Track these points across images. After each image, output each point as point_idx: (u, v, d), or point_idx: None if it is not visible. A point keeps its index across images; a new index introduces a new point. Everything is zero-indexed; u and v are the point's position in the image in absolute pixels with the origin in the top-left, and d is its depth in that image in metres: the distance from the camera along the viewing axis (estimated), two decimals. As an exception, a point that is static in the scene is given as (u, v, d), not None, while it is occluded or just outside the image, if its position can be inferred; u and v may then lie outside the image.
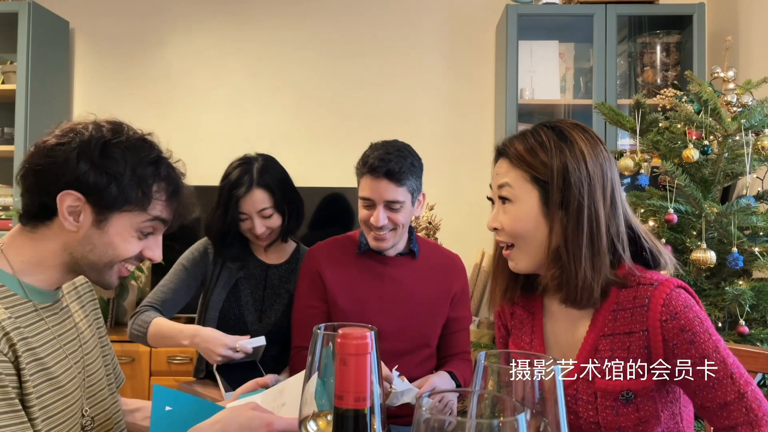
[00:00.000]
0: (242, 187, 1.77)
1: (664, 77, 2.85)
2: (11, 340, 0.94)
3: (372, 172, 1.61)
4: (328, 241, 1.83)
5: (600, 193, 1.06)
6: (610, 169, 1.09)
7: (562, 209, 1.06)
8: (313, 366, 0.74)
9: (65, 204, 0.99)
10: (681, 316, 1.03)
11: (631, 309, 1.07)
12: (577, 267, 1.05)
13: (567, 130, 1.10)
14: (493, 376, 0.68)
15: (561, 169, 1.06)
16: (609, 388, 1.06)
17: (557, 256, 1.07)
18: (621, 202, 1.10)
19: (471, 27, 3.17)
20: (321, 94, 3.19)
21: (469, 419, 0.52)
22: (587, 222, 1.05)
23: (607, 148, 1.12)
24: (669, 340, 1.03)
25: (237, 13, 3.22)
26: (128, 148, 1.02)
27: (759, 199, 1.90)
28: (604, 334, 1.09)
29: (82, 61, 3.26)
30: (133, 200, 1.02)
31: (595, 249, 1.05)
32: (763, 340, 1.73)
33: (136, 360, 2.68)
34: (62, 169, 0.99)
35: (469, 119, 3.16)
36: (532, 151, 1.09)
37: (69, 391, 1.05)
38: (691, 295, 1.07)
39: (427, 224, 2.75)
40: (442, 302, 1.75)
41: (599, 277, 1.06)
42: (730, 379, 1.01)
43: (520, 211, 1.10)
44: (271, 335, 1.85)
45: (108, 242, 1.03)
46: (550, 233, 1.08)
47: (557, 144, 1.08)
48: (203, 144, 3.10)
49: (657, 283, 1.06)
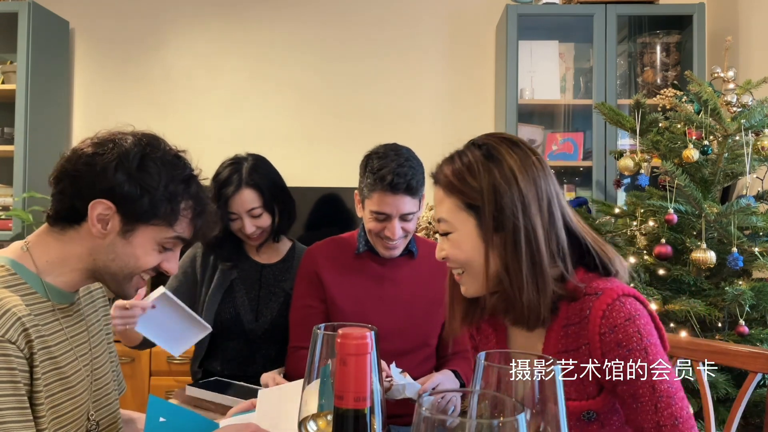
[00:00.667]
0: (231, 186, 1.77)
1: (664, 77, 2.85)
2: (29, 336, 0.96)
3: (392, 189, 1.57)
4: (326, 241, 1.83)
5: (536, 209, 1.02)
6: (545, 181, 1.04)
7: (498, 233, 1.02)
8: (313, 366, 0.74)
9: (96, 211, 1.02)
10: (620, 330, 0.97)
11: (578, 323, 1.02)
12: (520, 291, 1.01)
13: (494, 147, 1.06)
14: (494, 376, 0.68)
15: (491, 192, 1.01)
16: (569, 409, 1.01)
17: (499, 281, 1.03)
18: (560, 213, 1.05)
19: (471, 27, 3.17)
20: (321, 94, 3.19)
21: (469, 419, 0.52)
22: (525, 243, 1.00)
23: (540, 157, 1.07)
24: (605, 354, 0.98)
25: (237, 13, 3.22)
26: (164, 163, 1.05)
27: (759, 199, 1.90)
28: (559, 351, 1.04)
29: (82, 61, 3.26)
30: (162, 215, 1.04)
31: (537, 270, 1.00)
32: (763, 340, 1.73)
33: (136, 360, 2.67)
34: (99, 177, 1.01)
35: (469, 119, 3.16)
36: (460, 175, 1.05)
37: (77, 393, 1.06)
38: (642, 303, 1.02)
39: (427, 224, 2.75)
40: (441, 301, 1.74)
41: (544, 298, 1.01)
42: (653, 406, 0.96)
43: (459, 240, 1.06)
44: (268, 334, 1.86)
45: (131, 253, 1.05)
46: (487, 258, 1.03)
47: (485, 165, 1.04)
48: (203, 144, 3.07)
49: (600, 293, 1.00)
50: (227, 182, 1.78)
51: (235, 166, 1.81)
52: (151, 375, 2.69)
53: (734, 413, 1.39)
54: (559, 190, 1.08)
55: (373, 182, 1.59)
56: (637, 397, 0.97)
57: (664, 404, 0.96)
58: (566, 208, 1.07)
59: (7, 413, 0.91)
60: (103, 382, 1.17)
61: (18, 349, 0.94)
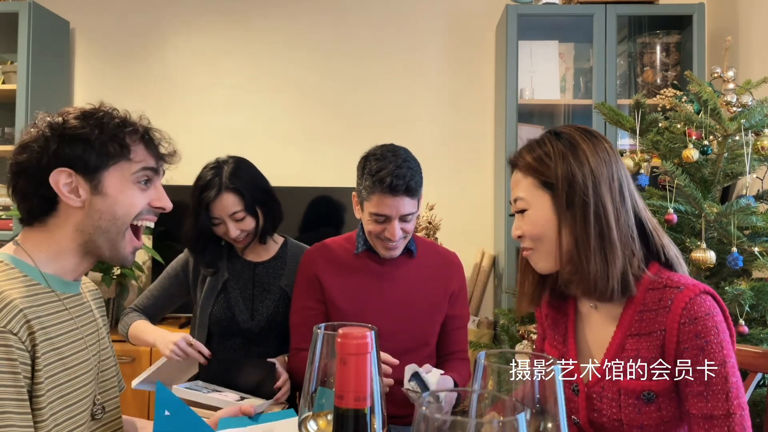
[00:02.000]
0: (212, 191, 1.77)
1: (664, 77, 2.85)
2: (31, 327, 0.98)
3: (392, 191, 1.57)
4: (325, 242, 1.83)
5: (606, 189, 1.11)
6: (616, 166, 1.14)
7: (569, 208, 1.12)
8: (313, 366, 0.74)
9: (60, 184, 1.04)
10: (699, 322, 1.05)
11: (656, 310, 1.10)
12: (587, 260, 1.10)
13: (570, 135, 1.16)
14: (493, 376, 0.68)
15: (565, 173, 1.12)
16: (631, 387, 1.09)
17: (570, 256, 1.13)
18: (630, 197, 1.14)
19: (471, 27, 3.17)
20: (321, 94, 3.19)
21: (469, 419, 0.52)
22: (594, 218, 1.10)
23: (613, 147, 1.17)
24: (681, 343, 1.06)
25: (237, 13, 3.22)
26: (86, 116, 1.08)
27: (759, 199, 1.90)
28: (631, 334, 1.12)
29: (82, 61, 3.26)
30: (114, 154, 1.06)
31: (606, 243, 1.09)
32: (763, 340, 1.73)
33: (137, 360, 2.68)
34: (41, 155, 1.04)
35: (469, 119, 3.16)
36: (539, 159, 1.15)
37: (84, 379, 1.08)
38: (717, 303, 1.09)
39: (427, 224, 2.75)
40: (440, 300, 1.75)
41: (613, 269, 1.09)
42: (725, 395, 1.03)
43: (535, 216, 1.16)
44: (265, 332, 1.87)
45: (112, 202, 1.07)
46: (560, 232, 1.13)
47: (560, 148, 1.14)
48: (203, 144, 3.10)
49: (683, 287, 1.08)
50: (207, 186, 1.78)
51: (216, 170, 1.80)
52: (151, 375, 2.69)
53: (734, 413, 1.39)
54: (630, 178, 1.17)
55: (372, 184, 1.59)
56: (710, 386, 1.03)
57: (734, 395, 1.03)
58: (636, 195, 1.16)
59: (7, 403, 0.92)
60: (109, 374, 1.20)
61: (20, 340, 0.95)
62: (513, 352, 0.76)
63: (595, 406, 1.14)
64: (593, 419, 1.15)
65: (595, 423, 1.15)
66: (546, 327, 1.32)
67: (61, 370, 1.03)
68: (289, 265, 1.92)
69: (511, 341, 2.29)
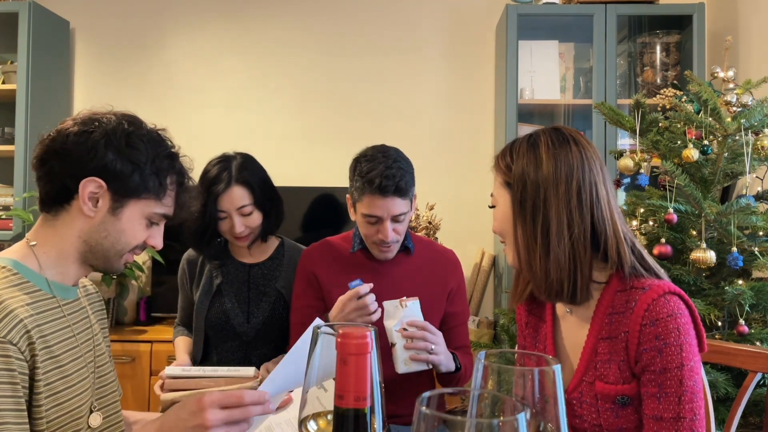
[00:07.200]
0: (221, 184, 1.75)
1: (664, 77, 2.85)
2: (31, 338, 0.97)
3: (381, 191, 1.57)
4: (323, 242, 1.83)
5: (559, 193, 1.08)
6: (582, 171, 1.09)
7: (522, 210, 1.12)
8: (312, 363, 0.74)
9: (87, 190, 1.04)
10: (660, 324, 1.03)
11: (622, 313, 1.09)
12: (534, 261, 1.10)
13: (537, 137, 1.14)
14: (493, 376, 0.68)
15: (521, 174, 1.12)
16: (605, 391, 1.09)
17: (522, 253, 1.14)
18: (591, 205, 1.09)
19: (471, 27, 3.17)
20: (321, 94, 3.19)
21: (469, 419, 0.52)
22: (542, 222, 1.09)
23: (588, 150, 1.12)
24: (641, 344, 1.05)
25: (237, 13, 3.22)
26: (149, 140, 1.08)
27: (759, 198, 1.90)
28: (602, 337, 1.11)
29: (82, 61, 3.26)
30: (151, 189, 1.08)
31: (551, 246, 1.08)
32: (763, 340, 1.73)
33: (137, 360, 2.68)
34: (89, 155, 1.04)
35: (469, 119, 3.16)
36: (506, 158, 1.17)
37: (80, 387, 1.08)
38: (686, 303, 1.07)
39: (427, 224, 2.75)
40: (439, 298, 1.75)
41: (558, 273, 1.08)
42: (677, 398, 1.02)
43: (499, 213, 1.18)
44: (261, 335, 1.85)
45: (120, 229, 1.08)
46: (515, 230, 1.14)
47: (524, 151, 1.13)
48: (203, 144, 3.09)
49: (648, 288, 1.07)
50: (217, 180, 1.76)
51: (224, 163, 1.79)
52: (151, 375, 2.69)
53: (734, 413, 1.39)
54: (603, 182, 1.12)
55: (363, 186, 1.60)
56: (664, 387, 1.03)
57: (687, 398, 1.02)
58: (603, 201, 1.11)
59: (6, 414, 0.92)
60: (107, 379, 1.19)
61: (19, 351, 0.94)
62: (513, 352, 0.76)
63: (576, 412, 1.13)
64: (576, 425, 1.14)
65: (577, 429, 1.14)
66: (526, 335, 1.31)
67: (59, 378, 1.03)
68: (285, 266, 1.90)
69: (511, 341, 2.28)
